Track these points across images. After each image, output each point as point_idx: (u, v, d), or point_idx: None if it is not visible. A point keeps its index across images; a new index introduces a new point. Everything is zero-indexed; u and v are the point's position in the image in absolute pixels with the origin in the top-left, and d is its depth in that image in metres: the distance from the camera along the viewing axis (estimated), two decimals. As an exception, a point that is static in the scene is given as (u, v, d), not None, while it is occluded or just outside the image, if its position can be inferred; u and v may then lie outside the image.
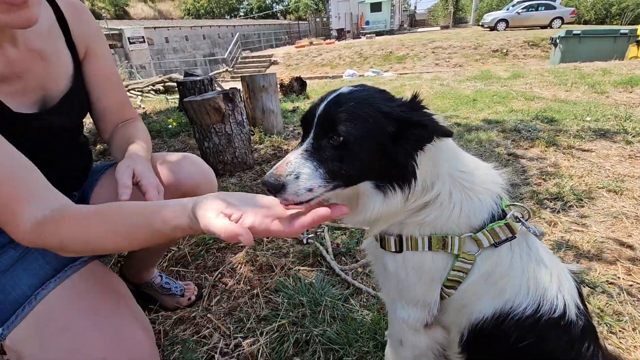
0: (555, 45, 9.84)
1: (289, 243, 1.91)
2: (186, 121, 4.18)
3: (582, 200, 2.11)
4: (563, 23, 19.23)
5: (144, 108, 6.39)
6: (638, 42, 8.72)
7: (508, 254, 0.77)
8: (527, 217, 0.78)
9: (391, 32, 27.01)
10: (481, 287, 0.78)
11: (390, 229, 0.80)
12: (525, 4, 20.13)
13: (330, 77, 14.47)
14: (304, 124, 0.70)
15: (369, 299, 1.47)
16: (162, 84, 9.56)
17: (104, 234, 0.78)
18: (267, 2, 48.80)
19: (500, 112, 4.12)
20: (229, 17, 43.01)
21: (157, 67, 20.64)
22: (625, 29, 9.81)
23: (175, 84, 6.08)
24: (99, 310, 0.94)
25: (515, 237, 0.76)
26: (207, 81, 4.38)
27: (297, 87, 6.60)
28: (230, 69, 19.23)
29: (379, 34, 25.30)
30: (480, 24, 23.15)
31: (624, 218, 1.90)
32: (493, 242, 0.75)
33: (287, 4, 48.11)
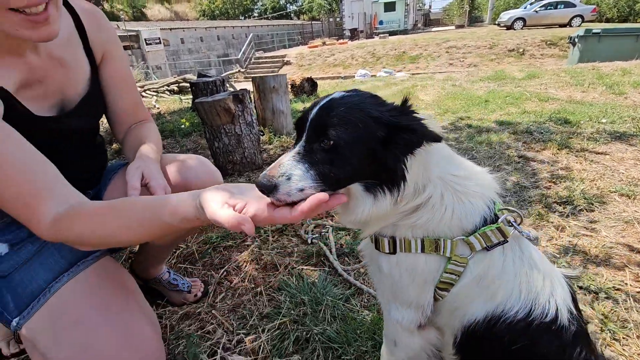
0: (574, 45, 9.58)
1: (293, 243, 1.94)
2: (198, 121, 4.27)
3: (592, 204, 2.07)
4: (583, 21, 18.64)
5: (158, 108, 6.53)
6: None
7: (500, 257, 0.78)
8: (520, 221, 0.78)
9: (405, 31, 26.77)
10: (473, 290, 0.79)
11: (384, 231, 0.82)
12: (544, 2, 19.61)
13: (342, 78, 14.45)
14: (298, 128, 0.72)
15: (369, 299, 1.48)
16: (177, 85, 9.76)
17: (117, 228, 0.82)
18: (281, 3, 49.04)
19: (513, 113, 4.05)
20: (243, 17, 43.44)
21: (172, 67, 21.02)
22: (647, 28, 9.49)
23: (189, 85, 6.20)
24: (110, 305, 0.99)
25: (507, 241, 0.76)
26: (219, 82, 4.46)
27: (308, 87, 6.65)
28: (243, 69, 19.42)
29: (392, 33, 25.11)
30: (497, 22, 22.67)
31: (635, 223, 1.86)
32: (485, 245, 0.76)
33: (300, 4, 48.25)
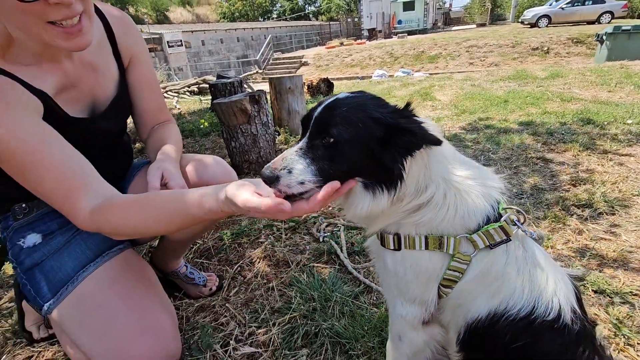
0: (601, 42, 9.19)
1: (305, 240, 1.98)
2: (217, 121, 4.38)
3: (613, 207, 2.01)
4: (613, 18, 17.88)
5: (179, 109, 6.73)
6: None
7: (503, 255, 0.79)
8: (523, 220, 0.79)
9: (424, 31, 26.41)
10: (476, 287, 0.81)
11: (389, 228, 0.84)
12: (571, -2, 18.96)
13: (359, 78, 14.41)
14: (303, 125, 0.77)
15: (378, 297, 1.50)
16: (197, 86, 10.03)
17: (148, 219, 0.90)
18: (300, 4, 49.37)
19: (533, 114, 3.95)
20: (262, 19, 43.99)
21: (193, 69, 21.58)
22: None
23: (208, 86, 6.37)
24: (131, 294, 1.07)
25: (510, 239, 0.77)
26: (237, 83, 4.56)
27: (324, 88, 6.69)
28: (261, 70, 19.68)
29: (411, 33, 24.84)
30: (520, 20, 22.03)
31: (659, 228, 1.80)
32: (488, 243, 0.78)
33: (319, 5, 48.39)
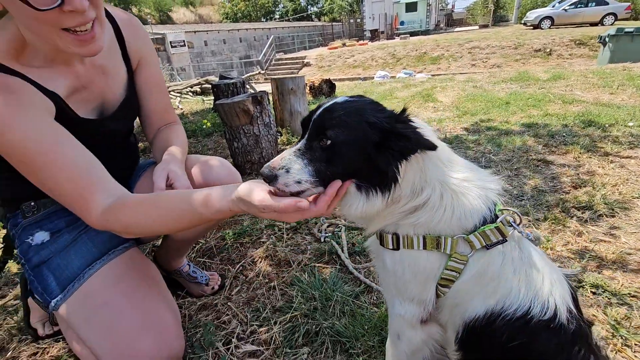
0: (604, 44, 9.17)
1: (307, 241, 2.00)
2: (219, 122, 4.41)
3: (613, 210, 2.02)
4: (616, 20, 17.82)
5: (182, 109, 6.77)
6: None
7: (499, 256, 0.80)
8: (519, 221, 0.81)
9: (426, 32, 26.40)
10: (473, 287, 0.82)
11: (388, 228, 0.86)
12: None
13: (361, 79, 14.42)
14: (303, 126, 0.80)
15: (379, 297, 1.52)
16: (199, 86, 10.07)
17: (157, 218, 0.92)
18: (302, 5, 49.46)
19: (534, 115, 3.96)
20: (264, 20, 44.10)
21: (196, 69, 21.64)
22: (686, 26, 8.97)
23: (210, 86, 6.41)
24: (135, 292, 1.09)
25: (506, 240, 0.79)
26: (239, 84, 4.58)
27: (326, 89, 6.71)
28: (264, 71, 19.73)
29: (413, 34, 24.84)
30: (523, 22, 21.98)
31: (658, 230, 1.81)
32: (485, 244, 0.79)
33: (321, 5, 48.47)
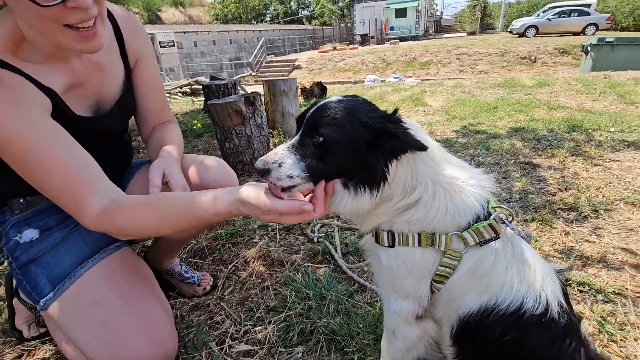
0: (586, 53, 9.49)
1: (300, 241, 2.00)
2: (210, 122, 4.38)
3: (597, 211, 2.09)
4: (597, 30, 18.46)
5: (171, 109, 6.68)
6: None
7: (492, 252, 0.83)
8: (512, 219, 0.83)
9: (416, 37, 26.82)
10: (467, 283, 0.84)
11: (382, 226, 0.88)
12: (558, 10, 19.49)
13: (352, 83, 14.54)
14: (298, 123, 0.82)
15: (373, 296, 1.53)
16: (189, 87, 9.99)
17: (154, 220, 0.91)
18: (293, 8, 49.60)
19: (521, 120, 4.06)
20: (255, 22, 44.03)
21: (185, 70, 21.42)
22: (663, 37, 9.36)
23: (201, 87, 6.37)
24: (128, 291, 1.07)
25: (498, 237, 0.81)
26: (230, 85, 4.56)
27: (317, 91, 6.75)
28: (254, 73, 19.68)
29: (403, 39, 25.19)
30: (509, 30, 22.56)
31: (639, 231, 1.87)
32: (478, 240, 0.81)
33: (312, 9, 48.73)
